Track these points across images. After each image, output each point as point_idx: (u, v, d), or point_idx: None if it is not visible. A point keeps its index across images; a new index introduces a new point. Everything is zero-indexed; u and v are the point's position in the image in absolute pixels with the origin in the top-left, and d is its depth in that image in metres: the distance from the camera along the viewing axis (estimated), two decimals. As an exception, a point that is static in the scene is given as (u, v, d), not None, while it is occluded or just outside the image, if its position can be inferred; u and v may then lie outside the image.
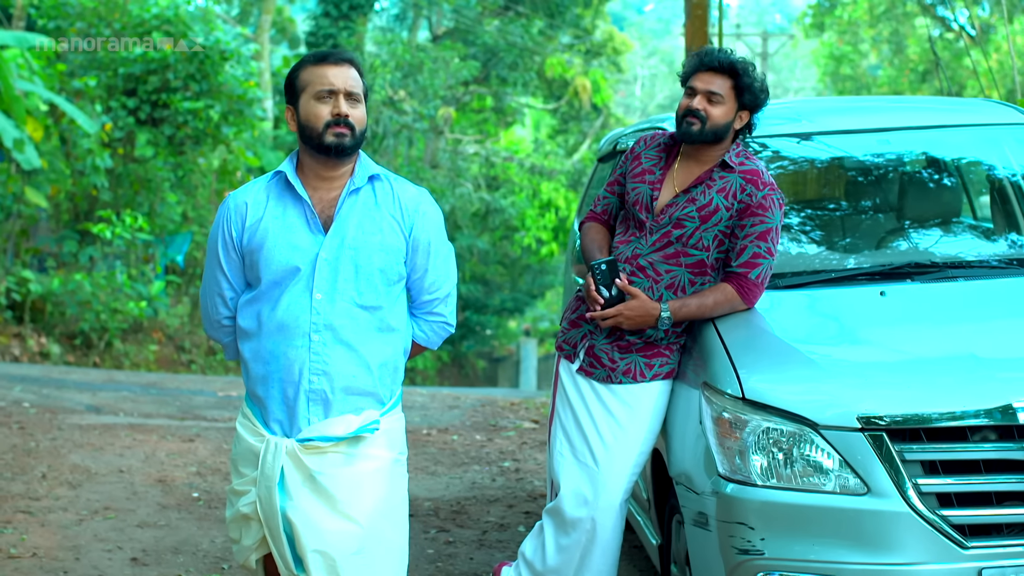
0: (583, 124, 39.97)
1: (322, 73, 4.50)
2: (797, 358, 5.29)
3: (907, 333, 5.40)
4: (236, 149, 23.29)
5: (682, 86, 5.65)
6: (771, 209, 5.47)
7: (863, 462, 4.82)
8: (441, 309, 4.77)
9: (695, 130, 5.51)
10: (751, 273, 5.45)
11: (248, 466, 4.60)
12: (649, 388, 5.59)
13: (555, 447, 5.76)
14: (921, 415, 4.83)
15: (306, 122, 4.50)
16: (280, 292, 4.51)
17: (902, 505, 4.76)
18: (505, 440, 11.38)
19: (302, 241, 4.50)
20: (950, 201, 6.51)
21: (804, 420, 4.92)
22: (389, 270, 4.55)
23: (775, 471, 4.94)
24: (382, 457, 4.57)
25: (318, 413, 4.51)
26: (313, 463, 4.49)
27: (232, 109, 22.44)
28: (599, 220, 5.95)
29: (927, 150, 6.65)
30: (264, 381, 4.56)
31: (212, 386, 15.04)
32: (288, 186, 4.58)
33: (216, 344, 5.12)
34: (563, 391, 5.78)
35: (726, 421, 5.08)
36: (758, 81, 5.54)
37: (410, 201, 4.62)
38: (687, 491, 5.32)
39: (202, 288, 4.79)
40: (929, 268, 5.83)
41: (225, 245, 4.62)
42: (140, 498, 8.69)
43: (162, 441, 10.65)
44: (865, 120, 6.63)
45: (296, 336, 4.49)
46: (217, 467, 9.76)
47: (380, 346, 4.58)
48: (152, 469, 9.57)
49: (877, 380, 5.04)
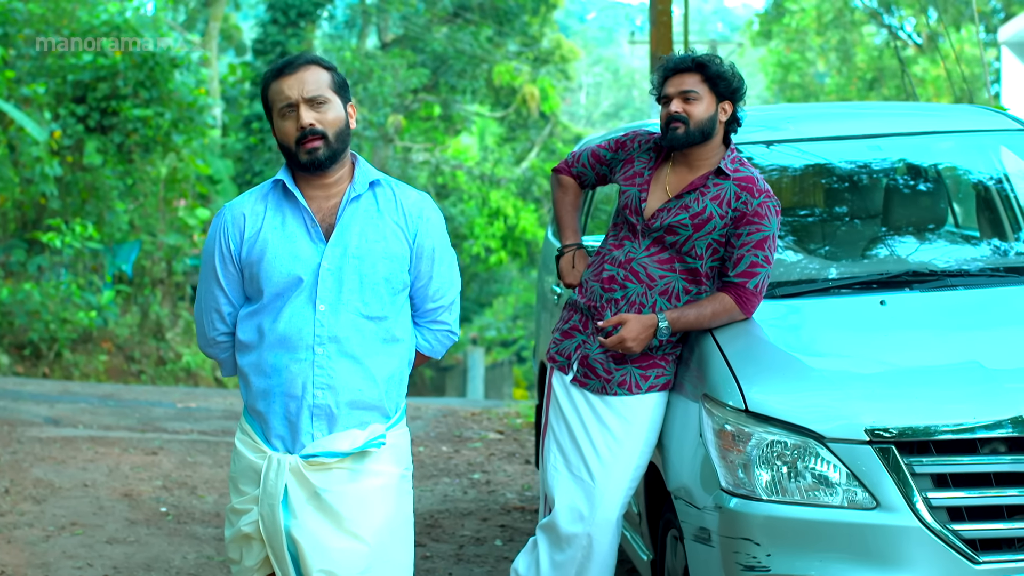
0: (531, 132, 39.94)
1: (278, 88, 4.31)
2: (800, 369, 5.17)
3: (911, 343, 5.29)
4: (186, 157, 23.05)
5: (657, 101, 5.56)
6: (767, 217, 5.36)
7: (871, 475, 4.71)
8: (445, 317, 4.61)
9: (681, 134, 5.40)
10: (749, 283, 5.34)
11: (249, 484, 4.41)
12: (645, 400, 5.47)
13: (549, 461, 5.62)
14: (931, 427, 4.73)
15: (281, 141, 4.36)
16: (282, 304, 4.33)
17: (912, 519, 4.66)
18: (472, 451, 11.26)
19: (303, 251, 4.33)
20: (942, 209, 6.43)
21: (810, 433, 4.81)
22: (394, 278, 4.39)
23: (780, 485, 4.83)
24: (389, 473, 4.41)
25: (322, 428, 4.33)
26: (318, 480, 4.31)
27: (182, 116, 22.21)
28: (572, 177, 5.94)
29: (919, 157, 6.56)
30: (265, 396, 4.37)
31: (170, 397, 14.85)
32: (286, 195, 4.40)
33: (213, 360, 4.97)
34: (556, 403, 5.64)
35: (728, 434, 4.96)
36: (728, 67, 5.44)
37: (413, 206, 4.45)
38: (687, 506, 5.20)
39: (197, 304, 4.59)
40: (927, 277, 5.73)
41: (223, 259, 4.42)
42: (107, 513, 8.50)
43: (125, 454, 10.46)
44: (854, 126, 6.54)
45: (299, 349, 4.31)
46: (183, 481, 9.58)
47: (386, 358, 4.41)
48: (117, 483, 9.38)
49: (884, 391, 4.93)
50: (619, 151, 5.74)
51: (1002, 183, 6.53)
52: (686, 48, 11.20)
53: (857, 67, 38.49)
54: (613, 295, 5.49)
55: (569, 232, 5.92)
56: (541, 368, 8.41)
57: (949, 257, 6.05)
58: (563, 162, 5.98)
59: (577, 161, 5.90)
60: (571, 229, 5.93)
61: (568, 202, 5.95)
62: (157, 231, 23.82)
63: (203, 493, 9.21)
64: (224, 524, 4.65)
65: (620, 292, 5.47)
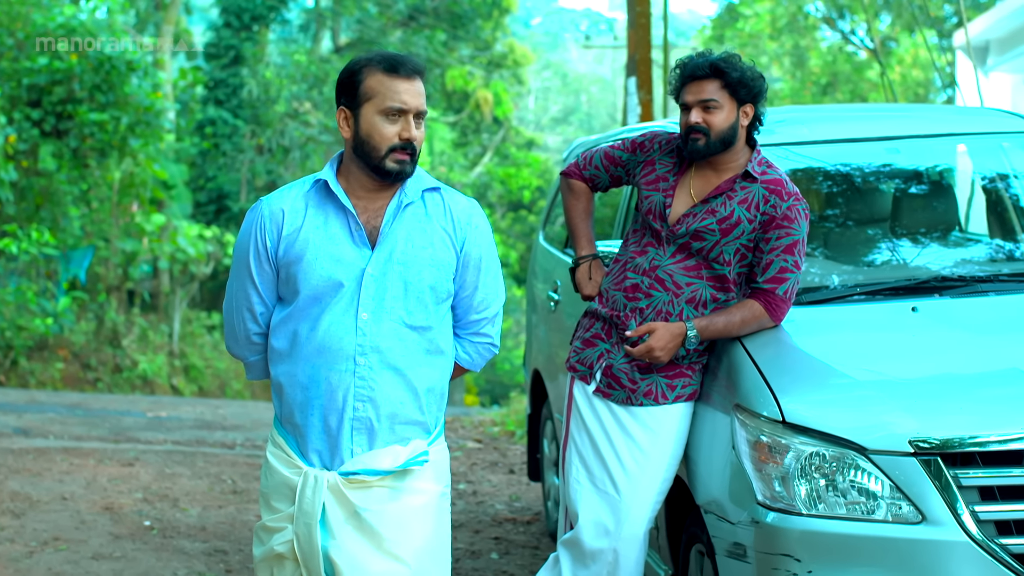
0: (484, 137, 39.82)
1: (394, 87, 4.07)
2: (837, 378, 5.01)
3: (948, 351, 5.14)
4: (143, 161, 22.73)
5: (676, 102, 5.39)
6: (797, 220, 5.20)
7: (916, 488, 4.56)
8: (488, 329, 4.40)
9: (701, 145, 5.23)
10: (778, 288, 5.18)
11: (283, 501, 4.20)
12: (671, 411, 5.29)
13: (571, 474, 5.44)
14: (977, 438, 4.57)
15: (367, 138, 4.09)
16: (320, 310, 4.10)
17: (959, 534, 4.50)
18: (453, 461, 11.06)
19: (346, 255, 4.10)
20: (957, 213, 6.29)
21: (851, 444, 4.65)
22: (439, 287, 4.18)
23: (820, 498, 4.66)
24: (430, 491, 4.21)
25: (362, 443, 4.12)
26: (358, 498, 4.10)
27: (139, 120, 21.89)
28: (584, 181, 5.73)
29: (939, 160, 6.42)
30: (303, 408, 4.15)
31: (138, 406, 14.61)
32: (329, 195, 4.17)
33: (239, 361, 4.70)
34: (578, 414, 5.46)
35: (764, 445, 4.79)
36: (747, 70, 5.26)
37: (462, 213, 4.24)
38: (719, 520, 5.03)
39: (227, 302, 4.36)
40: (956, 282, 5.58)
41: (258, 255, 4.19)
42: (90, 527, 8.25)
43: (101, 465, 10.20)
44: (867, 128, 6.40)
45: (339, 359, 4.09)
46: (163, 493, 9.34)
47: (428, 370, 4.20)
48: (96, 496, 9.13)
49: (926, 401, 4.78)
50: (636, 152, 5.56)
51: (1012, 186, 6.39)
52: (665, 51, 11.04)
53: (811, 72, 38.50)
54: (638, 304, 5.31)
55: (584, 241, 5.73)
56: (535, 375, 8.24)
57: (971, 262, 5.92)
58: (572, 165, 5.78)
59: (589, 163, 5.70)
60: (586, 238, 5.73)
61: (581, 209, 5.75)
62: (111, 236, 23.50)
63: (185, 506, 8.98)
64: (253, 542, 4.38)
65: (645, 301, 5.30)
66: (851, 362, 5.10)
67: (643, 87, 12.77)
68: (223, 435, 12.73)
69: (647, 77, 12.85)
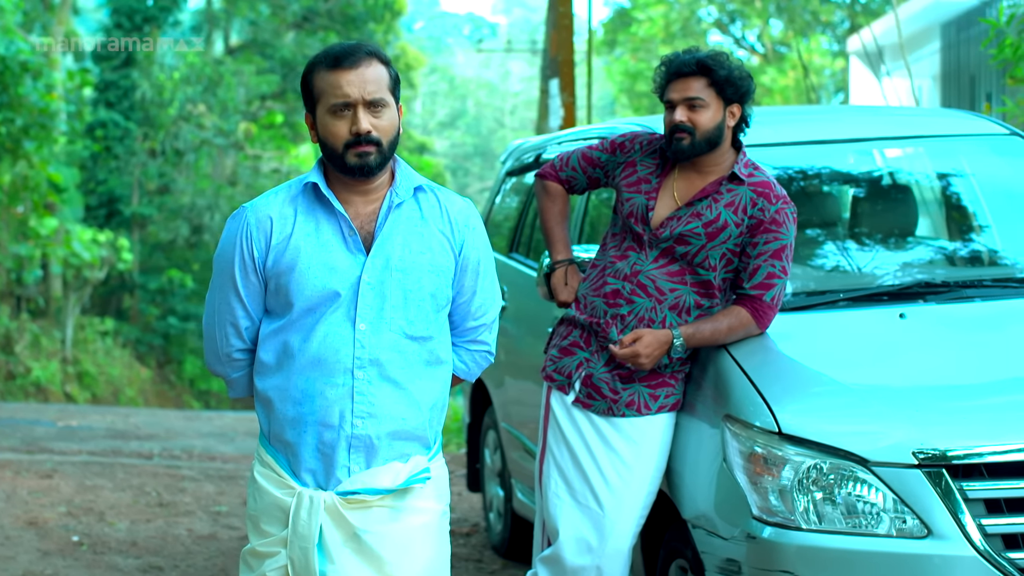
0: (375, 140, 39.53)
1: (335, 81, 3.79)
2: (832, 386, 4.86)
3: (944, 358, 5.01)
4: (37, 164, 22.21)
5: (661, 100, 5.20)
6: (785, 224, 5.03)
7: (920, 501, 4.42)
8: (486, 337, 4.14)
9: (686, 145, 5.05)
10: (766, 295, 5.00)
11: (274, 524, 3.91)
12: (655, 421, 5.10)
13: (549, 488, 5.23)
14: (985, 448, 4.44)
15: (324, 139, 3.83)
16: (314, 321, 3.83)
17: (967, 548, 4.37)
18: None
19: (340, 262, 3.83)
20: (928, 216, 6.18)
21: (852, 456, 4.50)
22: (439, 294, 3.92)
23: (820, 512, 4.51)
24: (431, 510, 3.96)
25: (360, 461, 3.85)
26: (357, 519, 3.84)
27: (33, 122, 21.37)
28: (560, 183, 5.52)
29: (909, 163, 6.31)
30: (295, 424, 3.86)
31: (46, 415, 14.23)
32: (318, 198, 3.89)
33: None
34: (556, 425, 5.24)
35: (759, 457, 4.62)
36: (735, 68, 5.09)
37: (459, 214, 3.98)
38: (709, 535, 4.85)
39: (207, 317, 4.05)
40: (940, 288, 5.45)
41: (244, 267, 3.89)
42: (15, 543, 7.91)
43: (18, 478, 9.84)
44: (834, 130, 6.26)
45: (336, 373, 3.82)
46: (87, 506, 9.02)
47: (429, 382, 3.93)
48: (18, 510, 8.78)
49: (929, 411, 4.65)
50: (616, 153, 5.36)
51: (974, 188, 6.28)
52: (589, 50, 10.88)
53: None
54: (619, 311, 5.11)
55: (560, 246, 5.51)
56: (476, 383, 8.01)
57: (956, 267, 5.81)
58: (548, 166, 5.57)
59: (566, 164, 5.50)
60: (562, 242, 5.52)
61: (556, 211, 5.54)
62: (1, 240, 22.97)
63: (112, 520, 8.65)
64: (240, 568, 4.07)
65: (627, 307, 5.10)
66: (844, 370, 4.95)
67: (566, 89, 12.59)
68: (139, 445, 12.39)
69: (570, 79, 12.67)
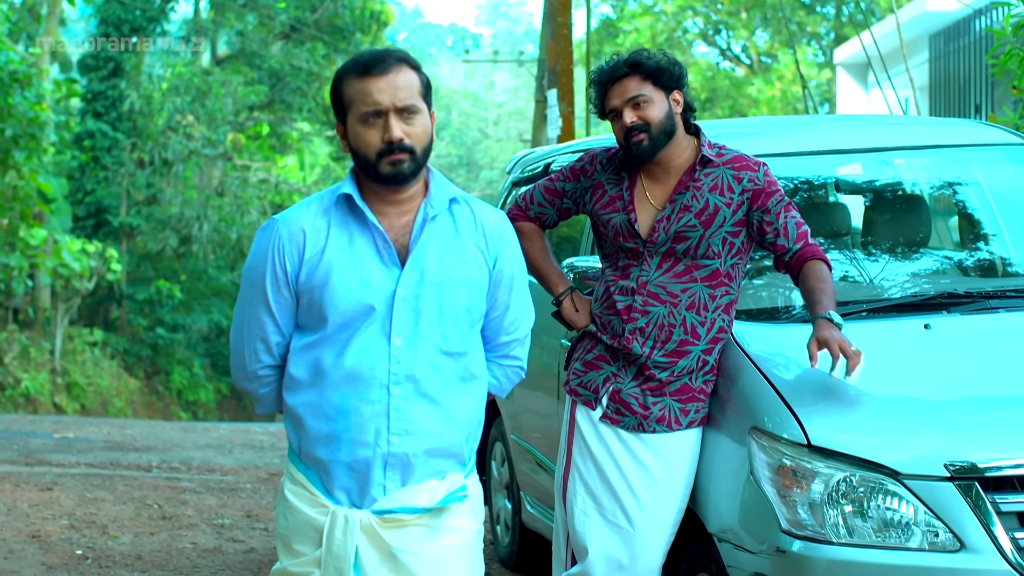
0: (363, 150, 39.46)
1: (365, 89, 3.73)
2: (860, 398, 4.80)
3: (973, 370, 4.96)
4: (28, 174, 22.11)
5: (602, 118, 5.19)
6: (775, 182, 5.06)
7: (953, 514, 4.39)
8: (518, 352, 4.09)
9: (646, 144, 4.99)
10: (809, 238, 5.00)
11: (306, 543, 3.83)
12: (684, 436, 5.04)
13: (576, 505, 5.16)
14: (1017, 461, 4.42)
15: (356, 148, 3.77)
16: (349, 336, 3.76)
17: (1000, 562, 4.35)
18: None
19: (375, 276, 3.76)
20: (943, 227, 6.16)
21: (883, 469, 4.47)
22: (474, 309, 3.86)
23: (850, 526, 4.47)
24: (468, 529, 3.90)
25: (395, 479, 3.78)
26: (393, 539, 3.78)
27: (23, 132, 21.28)
28: (531, 221, 5.40)
29: (930, 174, 6.27)
30: (328, 442, 3.79)
31: (42, 427, 14.15)
32: (352, 210, 3.82)
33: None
34: (582, 441, 5.18)
35: (788, 470, 4.59)
36: (662, 57, 5.04)
37: (494, 227, 3.92)
38: (735, 549, 4.81)
39: (235, 331, 3.97)
40: (963, 299, 5.41)
41: (276, 281, 3.81)
42: (19, 557, 7.83)
43: (18, 490, 9.77)
44: (848, 140, 6.23)
45: (371, 389, 3.75)
46: (90, 519, 8.95)
47: (465, 398, 3.88)
48: (20, 523, 8.71)
49: (960, 423, 4.62)
50: (580, 179, 5.29)
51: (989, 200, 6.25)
52: (587, 61, 10.85)
53: (691, 87, 38.64)
54: (636, 324, 5.05)
55: (555, 279, 5.38)
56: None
57: (981, 277, 5.78)
58: (514, 208, 5.46)
59: (531, 202, 5.40)
60: (556, 275, 5.38)
61: (538, 249, 5.39)
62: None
63: (115, 533, 8.59)
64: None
65: (644, 319, 5.04)
66: (871, 382, 4.88)
67: (564, 99, 12.56)
68: (137, 457, 12.32)
69: (568, 89, 12.65)
